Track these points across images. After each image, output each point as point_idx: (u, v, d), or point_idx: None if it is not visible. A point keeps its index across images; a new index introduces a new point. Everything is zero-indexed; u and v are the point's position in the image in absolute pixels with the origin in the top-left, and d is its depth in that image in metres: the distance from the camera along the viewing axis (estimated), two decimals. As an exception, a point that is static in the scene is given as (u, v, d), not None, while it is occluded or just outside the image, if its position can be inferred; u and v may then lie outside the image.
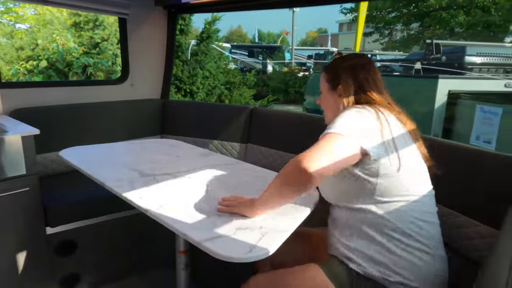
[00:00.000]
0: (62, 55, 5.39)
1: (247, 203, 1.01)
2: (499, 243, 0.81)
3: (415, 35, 15.38)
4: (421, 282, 1.00)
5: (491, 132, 2.93)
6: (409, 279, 0.99)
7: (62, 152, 1.48)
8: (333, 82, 1.18)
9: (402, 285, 0.99)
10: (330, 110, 1.20)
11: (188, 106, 2.60)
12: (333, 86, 1.18)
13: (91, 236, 1.77)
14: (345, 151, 0.96)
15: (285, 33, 34.38)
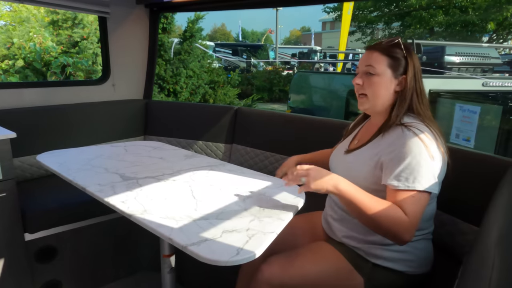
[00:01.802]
0: (40, 54, 5.22)
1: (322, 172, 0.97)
2: (479, 240, 0.83)
3: (396, 34, 15.66)
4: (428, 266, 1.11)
5: (470, 130, 3.01)
6: (419, 268, 1.08)
7: (40, 157, 1.43)
8: (396, 69, 1.07)
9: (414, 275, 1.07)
10: (376, 96, 1.07)
11: (172, 107, 2.56)
12: (395, 74, 1.07)
13: (72, 242, 1.72)
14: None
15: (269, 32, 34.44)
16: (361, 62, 1.11)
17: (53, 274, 1.70)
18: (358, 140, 1.19)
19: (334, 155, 1.25)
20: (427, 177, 0.95)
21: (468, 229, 1.24)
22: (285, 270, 1.07)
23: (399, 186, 0.95)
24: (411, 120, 1.03)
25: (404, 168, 0.95)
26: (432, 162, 0.95)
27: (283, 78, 11.61)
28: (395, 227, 0.93)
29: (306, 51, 16.85)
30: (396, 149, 0.98)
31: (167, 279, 1.34)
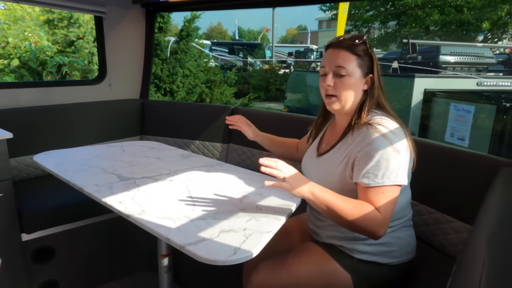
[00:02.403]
0: (35, 54, 5.18)
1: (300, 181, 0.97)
2: (472, 239, 0.84)
3: (392, 33, 15.73)
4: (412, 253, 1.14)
5: (464, 130, 3.04)
6: (403, 256, 1.10)
7: (37, 157, 1.43)
8: (363, 68, 1.07)
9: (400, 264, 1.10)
10: (348, 97, 1.08)
11: (168, 106, 2.56)
12: (364, 73, 1.08)
13: (69, 242, 1.72)
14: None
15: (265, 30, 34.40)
16: (328, 61, 1.08)
17: (50, 274, 1.70)
18: (326, 143, 1.21)
19: (306, 161, 1.26)
20: (394, 171, 0.98)
21: (461, 227, 1.26)
22: (273, 274, 1.10)
23: (369, 183, 0.98)
24: (377, 116, 1.05)
25: (372, 165, 0.98)
26: (398, 155, 0.98)
27: (280, 77, 11.63)
28: (369, 224, 0.96)
29: (302, 50, 16.88)
30: (363, 148, 1.01)
31: (165, 279, 1.34)
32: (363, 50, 1.07)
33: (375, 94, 1.09)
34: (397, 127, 1.03)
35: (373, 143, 0.99)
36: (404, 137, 1.02)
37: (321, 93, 1.13)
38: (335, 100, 1.08)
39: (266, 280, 1.10)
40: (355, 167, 1.03)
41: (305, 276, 1.08)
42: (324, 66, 1.09)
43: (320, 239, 1.17)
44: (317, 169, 1.15)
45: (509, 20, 12.79)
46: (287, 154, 1.48)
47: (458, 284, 0.72)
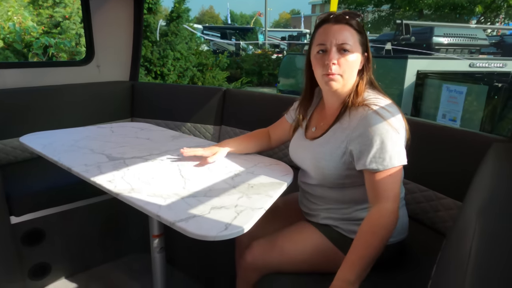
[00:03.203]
0: (20, 35, 4.99)
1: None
2: (462, 213, 0.85)
3: (385, 16, 15.61)
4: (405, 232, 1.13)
5: (456, 111, 3.06)
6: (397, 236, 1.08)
7: (23, 138, 1.39)
8: (363, 45, 1.04)
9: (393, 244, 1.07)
10: (350, 76, 1.03)
11: (159, 88, 2.52)
12: (362, 52, 1.04)
13: (60, 224, 1.71)
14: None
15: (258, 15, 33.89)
16: (328, 37, 1.01)
17: (42, 257, 1.69)
18: (315, 126, 1.16)
19: (296, 148, 1.20)
20: (398, 151, 0.97)
21: (452, 204, 1.27)
22: (267, 252, 1.10)
23: (378, 168, 0.96)
24: (371, 96, 1.03)
25: (377, 149, 0.95)
26: (398, 135, 0.97)
27: (273, 61, 11.51)
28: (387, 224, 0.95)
29: (295, 34, 16.69)
30: (363, 133, 0.97)
31: (157, 260, 1.34)
32: (361, 26, 1.04)
33: (369, 73, 1.06)
34: (392, 105, 1.01)
35: (372, 126, 0.96)
36: (399, 115, 1.01)
37: (316, 72, 1.06)
38: (338, 79, 1.01)
39: (260, 258, 1.10)
40: (358, 154, 0.99)
41: (298, 255, 1.08)
42: (323, 42, 1.01)
43: (314, 220, 1.17)
44: (311, 154, 1.10)
45: (502, 4, 12.76)
46: (261, 147, 1.39)
47: (448, 256, 0.72)
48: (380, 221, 0.94)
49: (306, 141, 1.16)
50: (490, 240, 0.55)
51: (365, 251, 0.92)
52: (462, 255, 0.55)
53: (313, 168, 1.09)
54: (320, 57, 1.03)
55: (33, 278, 1.67)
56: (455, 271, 0.54)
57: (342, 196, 1.09)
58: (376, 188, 0.97)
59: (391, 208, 0.95)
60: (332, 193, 1.10)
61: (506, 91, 2.84)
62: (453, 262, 0.61)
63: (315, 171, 1.09)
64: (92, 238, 1.85)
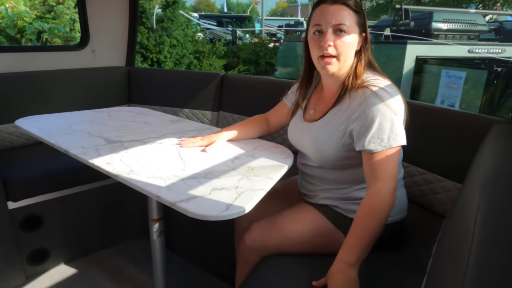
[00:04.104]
0: (13, 20, 4.86)
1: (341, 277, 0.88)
2: (464, 192, 0.85)
3: (383, 4, 15.46)
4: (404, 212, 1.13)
5: (455, 96, 3.05)
6: (396, 215, 1.09)
7: (19, 121, 1.37)
8: (360, 25, 1.01)
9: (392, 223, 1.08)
10: (347, 58, 1.01)
11: (156, 74, 2.49)
12: (359, 32, 1.02)
13: (58, 210, 1.70)
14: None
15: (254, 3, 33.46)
16: (324, 17, 0.99)
17: (41, 242, 1.68)
18: (314, 109, 1.15)
19: (295, 132, 1.19)
20: (397, 132, 0.96)
21: (451, 186, 1.27)
22: (266, 233, 1.09)
23: (376, 149, 0.96)
24: (370, 77, 1.01)
25: (376, 130, 0.95)
26: (396, 116, 0.96)
27: (270, 50, 11.39)
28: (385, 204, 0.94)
29: (292, 23, 16.52)
30: (362, 114, 0.97)
31: (157, 244, 1.34)
32: (359, 6, 1.01)
33: (367, 54, 1.05)
34: (392, 86, 1.00)
35: (372, 106, 0.95)
36: (399, 96, 1.00)
37: (313, 54, 1.05)
38: (334, 62, 1.00)
39: (259, 239, 1.10)
40: (357, 135, 0.98)
41: (298, 235, 1.09)
42: (319, 23, 1.00)
43: (313, 201, 1.17)
44: (311, 137, 1.10)
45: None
46: (260, 133, 1.38)
47: (450, 232, 0.72)
48: (378, 202, 0.94)
49: (304, 123, 1.15)
50: (495, 213, 0.55)
51: (364, 233, 0.92)
52: (466, 229, 0.54)
53: (312, 150, 1.09)
54: (316, 38, 1.01)
55: (31, 263, 1.67)
56: (459, 245, 0.54)
57: (341, 177, 1.09)
58: (374, 169, 0.97)
59: (389, 189, 0.95)
60: (331, 174, 1.10)
61: (505, 76, 2.83)
62: (456, 237, 0.61)
63: (315, 154, 1.08)
64: (90, 224, 1.85)
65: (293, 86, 1.29)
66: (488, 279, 0.40)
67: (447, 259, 0.61)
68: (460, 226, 0.63)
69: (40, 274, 1.70)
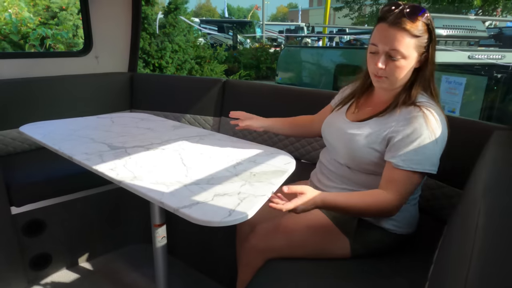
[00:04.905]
0: (16, 26, 4.90)
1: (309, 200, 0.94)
2: (465, 198, 0.85)
3: (383, 10, 15.50)
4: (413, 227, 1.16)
5: (455, 102, 3.06)
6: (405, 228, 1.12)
7: (23, 128, 1.38)
8: (420, 49, 0.98)
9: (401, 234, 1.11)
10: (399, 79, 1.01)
11: (158, 80, 2.50)
12: (420, 53, 0.99)
13: (60, 215, 1.71)
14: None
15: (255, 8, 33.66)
16: (381, 40, 0.98)
17: (43, 247, 1.69)
18: (359, 109, 1.16)
19: (330, 123, 1.22)
20: (429, 159, 0.97)
21: (452, 192, 1.27)
22: (271, 235, 1.10)
23: (402, 166, 0.97)
24: (423, 99, 1.02)
25: (410, 149, 0.97)
26: (436, 146, 0.97)
27: (270, 55, 11.45)
28: (383, 212, 0.99)
29: (293, 28, 16.62)
30: (406, 129, 0.98)
31: (159, 249, 1.34)
32: (423, 29, 0.96)
33: (427, 75, 1.03)
34: (442, 115, 1.01)
35: (417, 128, 0.97)
36: (445, 128, 1.01)
37: (368, 68, 1.06)
38: (385, 81, 1.02)
39: (263, 240, 1.10)
40: (393, 145, 1.00)
41: (301, 238, 1.09)
42: (375, 43, 0.99)
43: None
44: (348, 135, 1.10)
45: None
46: (301, 133, 1.42)
47: (452, 238, 0.73)
48: (379, 204, 0.97)
49: (345, 120, 1.16)
50: (496, 219, 0.55)
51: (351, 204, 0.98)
52: (468, 235, 0.55)
53: (345, 148, 1.10)
54: (371, 56, 1.03)
55: (34, 268, 1.67)
56: (461, 252, 0.55)
57: (363, 180, 1.10)
58: (392, 181, 0.99)
59: (395, 203, 0.97)
60: (355, 175, 1.11)
61: (505, 82, 2.84)
62: (457, 243, 0.62)
63: (347, 151, 1.10)
64: (92, 229, 1.85)
65: (341, 89, 1.32)
66: (490, 284, 0.41)
67: (448, 265, 0.61)
68: (462, 232, 0.64)
69: (42, 279, 1.71)
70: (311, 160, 1.83)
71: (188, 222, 0.81)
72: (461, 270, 0.46)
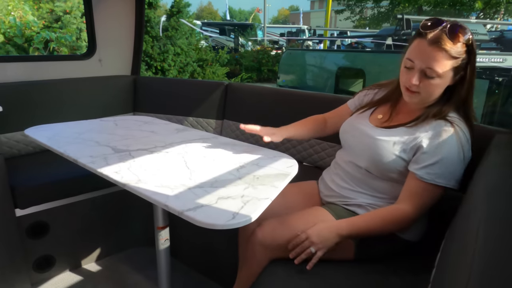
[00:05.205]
0: (20, 29, 4.96)
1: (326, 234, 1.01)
2: (466, 201, 0.86)
3: (385, 12, 15.57)
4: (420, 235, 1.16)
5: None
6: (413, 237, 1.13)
7: (28, 131, 1.40)
8: (457, 69, 0.97)
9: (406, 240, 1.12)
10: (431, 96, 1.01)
11: (161, 82, 2.52)
12: (455, 74, 0.98)
13: (64, 217, 1.72)
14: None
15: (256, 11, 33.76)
16: (417, 57, 0.97)
17: (46, 249, 1.70)
18: (383, 115, 1.15)
19: (352, 126, 1.20)
20: (453, 175, 0.98)
21: (454, 196, 1.27)
22: (277, 230, 1.10)
23: (426, 179, 0.98)
24: (455, 115, 1.02)
25: (436, 162, 0.97)
26: (461, 163, 0.99)
27: (272, 57, 11.49)
28: (400, 227, 1.02)
29: (294, 31, 16.64)
30: (435, 142, 0.98)
31: (162, 251, 1.35)
32: (463, 50, 0.95)
33: (462, 94, 1.02)
34: (470, 136, 1.02)
35: (446, 143, 0.97)
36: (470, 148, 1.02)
37: (400, 81, 1.05)
38: (417, 96, 1.01)
39: (270, 236, 1.10)
40: (419, 156, 1.00)
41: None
42: (411, 59, 0.98)
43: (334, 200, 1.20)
44: (373, 141, 1.09)
45: (501, 0, 12.74)
46: (317, 133, 1.41)
47: (453, 242, 0.73)
48: (397, 220, 0.99)
49: (369, 125, 1.15)
50: (498, 222, 0.56)
51: (368, 226, 1.00)
52: (469, 239, 0.56)
53: (369, 153, 1.09)
54: (406, 70, 1.02)
55: (37, 270, 1.68)
56: (462, 255, 0.55)
57: (382, 187, 1.10)
58: (414, 194, 1.00)
59: (412, 216, 0.99)
60: (374, 180, 1.11)
61: (507, 85, 2.85)
62: (459, 247, 0.62)
63: (370, 156, 1.09)
64: (95, 231, 1.86)
65: (360, 92, 1.31)
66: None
67: (450, 269, 0.62)
68: (463, 236, 0.64)
69: (46, 281, 1.72)
70: (313, 163, 1.84)
71: (191, 224, 0.82)
72: (462, 274, 0.47)
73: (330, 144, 1.76)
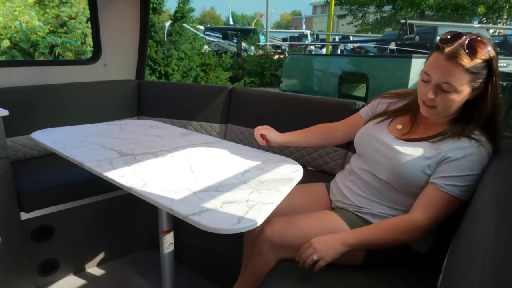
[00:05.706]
0: (26, 34, 5.01)
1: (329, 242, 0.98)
2: (474, 205, 0.86)
3: (387, 17, 15.61)
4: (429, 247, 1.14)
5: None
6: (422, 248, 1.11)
7: (35, 134, 1.41)
8: (475, 84, 0.94)
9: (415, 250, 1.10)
10: (447, 110, 0.99)
11: (165, 87, 2.53)
12: (471, 93, 0.96)
13: (68, 221, 1.72)
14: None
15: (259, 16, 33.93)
16: (434, 71, 0.95)
17: (51, 253, 1.70)
18: (403, 125, 1.13)
19: (370, 136, 1.17)
20: (471, 189, 0.97)
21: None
22: (286, 229, 1.09)
23: (447, 190, 0.97)
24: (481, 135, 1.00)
25: (460, 176, 0.96)
26: (477, 177, 0.98)
27: (274, 62, 11.53)
28: (411, 237, 0.99)
29: (297, 35, 16.70)
30: (459, 158, 0.97)
31: (166, 255, 1.35)
32: (481, 65, 0.92)
33: (485, 112, 0.99)
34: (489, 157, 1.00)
35: (471, 162, 0.96)
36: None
37: (417, 93, 1.04)
38: (433, 110, 1.00)
39: (279, 234, 1.09)
40: (439, 170, 0.99)
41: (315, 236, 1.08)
42: (428, 73, 0.97)
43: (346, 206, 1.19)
44: (394, 153, 1.07)
45: (504, 5, 12.75)
46: (323, 142, 1.39)
47: (460, 246, 0.73)
48: (407, 228, 0.98)
49: (389, 135, 1.13)
50: (507, 227, 0.56)
51: (376, 236, 0.97)
52: (477, 244, 0.56)
53: (390, 165, 1.07)
54: (423, 84, 1.01)
55: (42, 274, 1.69)
56: (471, 260, 0.55)
57: (399, 198, 1.09)
58: (429, 202, 0.98)
59: (424, 227, 0.97)
60: (391, 191, 1.10)
61: (511, 90, 2.84)
62: (467, 252, 0.62)
63: (392, 169, 1.06)
64: (100, 235, 1.86)
65: (373, 100, 1.29)
66: None
67: (458, 274, 0.62)
68: (470, 242, 0.64)
69: (50, 285, 1.72)
70: (317, 167, 1.84)
71: (195, 229, 0.82)
72: (471, 278, 0.46)
73: (334, 149, 1.76)
